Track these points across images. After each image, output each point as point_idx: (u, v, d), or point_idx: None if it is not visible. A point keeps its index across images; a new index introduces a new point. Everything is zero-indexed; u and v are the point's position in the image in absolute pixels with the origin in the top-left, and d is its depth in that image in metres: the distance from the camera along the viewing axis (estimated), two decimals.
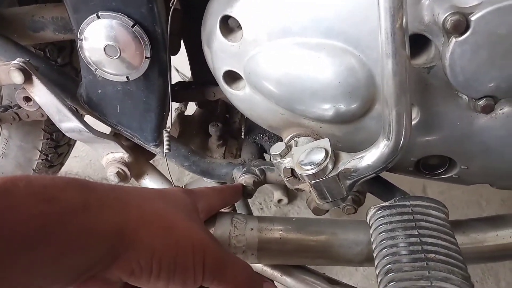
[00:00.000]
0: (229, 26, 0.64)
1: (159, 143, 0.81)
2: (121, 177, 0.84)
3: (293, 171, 0.63)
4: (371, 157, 0.58)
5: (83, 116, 0.85)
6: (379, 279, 0.54)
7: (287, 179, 0.65)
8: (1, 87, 1.02)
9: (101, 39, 0.66)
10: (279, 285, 0.73)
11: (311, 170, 0.59)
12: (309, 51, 0.58)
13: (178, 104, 1.08)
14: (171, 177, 0.87)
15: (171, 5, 0.65)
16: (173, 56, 0.88)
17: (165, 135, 0.75)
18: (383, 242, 0.57)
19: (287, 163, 0.63)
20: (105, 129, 0.83)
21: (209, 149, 0.93)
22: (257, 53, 0.61)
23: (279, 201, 1.48)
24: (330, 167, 0.59)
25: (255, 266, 0.77)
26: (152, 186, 0.88)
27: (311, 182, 0.60)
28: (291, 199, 1.49)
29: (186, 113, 1.05)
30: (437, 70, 0.55)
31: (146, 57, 0.68)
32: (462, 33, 0.48)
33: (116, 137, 0.84)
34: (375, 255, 0.57)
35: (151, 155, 0.91)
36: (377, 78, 0.57)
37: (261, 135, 0.91)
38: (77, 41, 0.68)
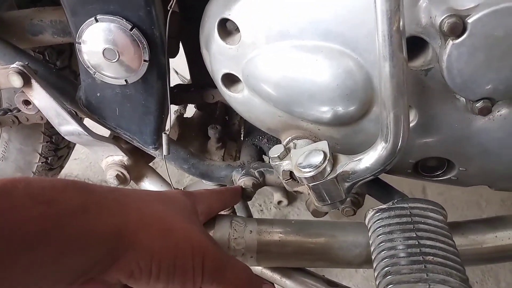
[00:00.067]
0: (227, 29, 0.64)
1: (158, 145, 0.81)
2: (121, 180, 0.85)
3: (291, 173, 0.63)
4: (369, 160, 0.58)
5: (83, 119, 0.85)
6: (377, 282, 0.54)
7: (286, 182, 0.65)
8: (1, 91, 1.02)
9: (99, 42, 0.67)
10: None
11: (309, 172, 0.59)
12: (307, 53, 0.58)
13: (177, 106, 1.08)
14: (170, 179, 0.87)
15: (169, 8, 0.65)
16: (172, 58, 0.88)
17: (164, 138, 0.75)
18: (381, 244, 0.57)
19: (286, 165, 0.63)
20: (104, 132, 0.83)
21: (208, 151, 0.93)
22: (255, 56, 0.61)
23: (279, 202, 1.48)
24: (328, 169, 0.59)
25: (255, 268, 0.77)
26: (151, 188, 0.88)
27: (310, 184, 0.60)
28: (291, 201, 1.49)
29: (185, 116, 1.05)
30: (434, 72, 0.55)
31: (144, 60, 0.68)
32: (459, 36, 0.48)
33: (115, 140, 0.84)
34: (374, 257, 0.57)
35: (151, 158, 0.91)
36: (374, 80, 0.57)
37: (260, 137, 0.91)
38: (76, 44, 0.68)
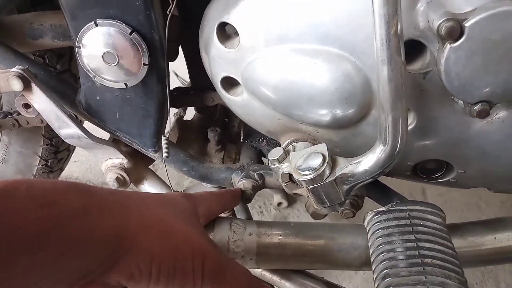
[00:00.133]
0: (226, 32, 0.64)
1: (158, 148, 0.81)
2: (121, 182, 0.85)
3: (291, 176, 0.63)
4: (368, 162, 0.58)
5: (82, 122, 0.85)
6: (376, 284, 0.54)
7: (285, 184, 0.65)
8: (1, 94, 1.02)
9: (99, 46, 0.67)
10: None
11: (308, 175, 0.59)
12: (305, 57, 0.58)
13: (177, 109, 1.08)
14: (170, 182, 0.88)
15: (168, 12, 0.65)
16: (171, 61, 0.88)
17: (163, 141, 0.75)
18: (380, 247, 0.57)
19: (285, 168, 0.64)
20: (104, 135, 0.84)
21: (208, 154, 0.93)
22: (254, 60, 0.62)
23: (279, 204, 1.48)
24: (327, 172, 0.59)
25: (254, 270, 0.78)
26: (151, 191, 0.88)
27: (309, 187, 0.60)
28: (291, 202, 1.49)
29: (185, 118, 1.05)
30: (432, 75, 0.55)
31: (144, 64, 0.68)
32: (456, 39, 0.48)
33: (115, 143, 0.84)
34: (373, 260, 0.57)
35: (150, 160, 0.91)
36: (373, 83, 0.57)
37: (260, 140, 0.92)
38: (76, 48, 0.69)
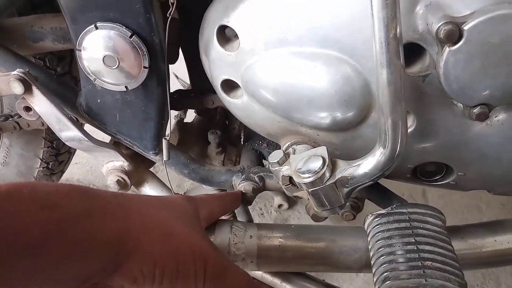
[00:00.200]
0: (226, 35, 0.65)
1: (158, 151, 0.81)
2: (121, 185, 0.85)
3: (291, 179, 0.64)
4: (367, 165, 0.58)
5: (83, 125, 0.86)
6: (376, 287, 0.54)
7: (286, 187, 0.65)
8: (1, 97, 1.03)
9: (99, 49, 0.67)
10: None
11: (308, 178, 0.59)
12: (305, 60, 0.58)
13: (177, 111, 1.08)
14: (170, 184, 0.88)
15: (168, 15, 0.65)
16: (171, 64, 0.88)
17: (164, 144, 0.75)
18: (380, 249, 0.57)
19: (285, 171, 0.64)
20: (105, 138, 0.84)
21: (208, 156, 0.93)
22: (254, 63, 0.62)
23: (280, 206, 1.48)
24: (327, 175, 0.59)
25: (255, 273, 0.78)
26: (152, 193, 0.89)
27: (309, 190, 0.60)
28: (292, 204, 1.49)
29: (185, 121, 1.06)
30: (432, 78, 0.55)
31: (144, 67, 0.68)
32: (455, 43, 0.49)
33: (116, 145, 0.84)
34: (373, 262, 0.57)
35: (151, 163, 0.91)
36: (372, 86, 0.57)
37: (260, 142, 0.92)
38: (76, 51, 0.69)
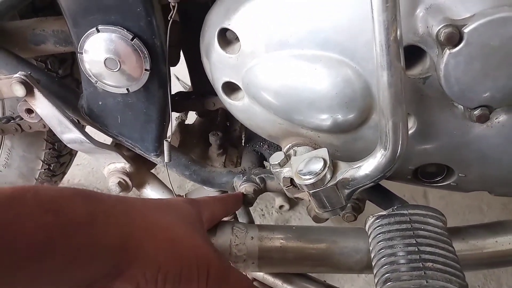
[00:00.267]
0: (227, 38, 0.65)
1: (160, 153, 0.81)
2: (123, 187, 0.85)
3: (292, 180, 0.64)
4: (368, 167, 0.58)
5: (84, 126, 0.86)
6: None
7: (287, 188, 0.66)
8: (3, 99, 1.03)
9: (101, 52, 0.67)
10: None
11: (309, 179, 0.59)
12: (306, 62, 0.59)
13: (178, 113, 1.08)
14: (172, 186, 0.88)
15: (169, 18, 0.65)
16: (173, 67, 0.89)
17: (165, 145, 0.75)
18: (381, 251, 0.57)
19: (286, 172, 0.64)
20: (106, 140, 0.84)
21: (210, 158, 0.94)
22: (255, 65, 0.62)
23: (281, 207, 1.48)
24: (328, 176, 0.59)
25: (257, 274, 0.78)
26: (153, 195, 0.89)
27: (310, 191, 0.61)
28: (293, 205, 1.49)
29: (186, 122, 1.06)
30: (432, 80, 0.55)
31: (145, 69, 0.69)
32: (455, 45, 0.49)
33: (117, 147, 0.85)
34: (374, 264, 0.57)
35: (152, 165, 0.91)
36: (373, 88, 0.57)
37: (261, 144, 0.92)
38: (78, 54, 0.69)
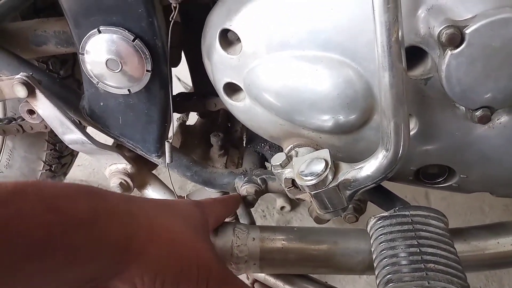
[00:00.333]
0: (228, 39, 0.65)
1: (161, 153, 0.81)
2: (124, 187, 0.85)
3: (293, 181, 0.64)
4: (370, 168, 0.58)
5: (86, 127, 0.86)
6: None
7: (288, 189, 0.66)
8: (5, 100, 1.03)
9: (102, 53, 0.67)
10: None
11: (311, 180, 0.59)
12: (307, 63, 0.59)
13: (179, 114, 1.08)
14: (173, 186, 0.88)
15: (171, 19, 0.65)
16: (174, 67, 0.89)
17: (167, 146, 0.75)
18: (383, 252, 0.57)
19: (288, 173, 0.64)
20: (107, 141, 0.84)
21: (211, 158, 0.93)
22: (256, 66, 0.62)
23: (282, 208, 1.48)
24: (330, 177, 0.59)
25: (258, 275, 0.78)
26: (154, 196, 0.89)
27: (312, 192, 0.60)
28: (294, 206, 1.49)
29: (187, 123, 1.06)
30: (434, 81, 0.55)
31: (147, 70, 0.69)
32: (457, 46, 0.49)
33: (118, 148, 0.85)
34: (376, 265, 0.57)
35: (154, 165, 0.91)
36: (374, 89, 0.57)
37: (263, 144, 0.92)
38: (79, 55, 0.69)
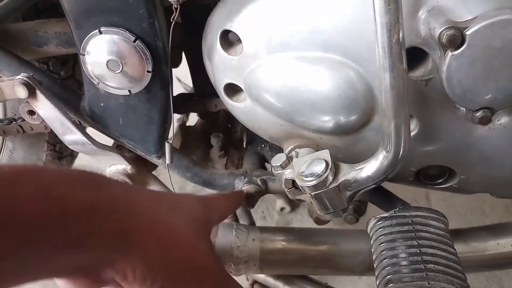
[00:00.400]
0: (229, 40, 0.65)
1: (161, 154, 0.81)
2: None
3: (294, 182, 0.64)
4: (370, 168, 0.58)
5: (86, 128, 0.86)
6: None
7: (288, 190, 0.65)
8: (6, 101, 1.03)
9: (103, 54, 0.67)
10: None
11: (311, 181, 0.59)
12: (308, 64, 0.59)
13: (180, 115, 1.08)
14: (173, 187, 0.88)
15: (172, 20, 0.66)
16: (175, 68, 0.89)
17: (167, 147, 0.75)
18: (383, 252, 0.57)
19: (288, 174, 0.64)
20: (107, 141, 0.84)
21: (211, 159, 0.94)
22: (257, 67, 0.62)
23: (282, 209, 1.48)
24: (330, 178, 0.59)
25: (258, 276, 0.78)
26: None
27: (312, 193, 0.60)
28: (294, 207, 1.49)
29: (188, 124, 1.06)
30: (434, 82, 0.55)
31: (148, 71, 0.68)
32: (457, 47, 0.49)
33: (118, 149, 0.85)
34: (376, 265, 0.57)
35: (154, 166, 0.91)
36: (375, 90, 0.57)
37: (263, 145, 0.92)
38: (80, 55, 0.69)
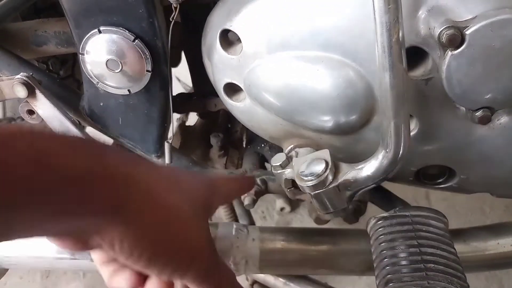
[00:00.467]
0: (229, 39, 0.65)
1: (161, 154, 0.81)
2: None
3: (294, 182, 0.64)
4: (370, 168, 0.58)
5: (85, 128, 0.86)
6: None
7: (288, 190, 0.65)
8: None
9: (102, 53, 0.67)
10: None
11: (311, 181, 0.59)
12: (307, 64, 0.59)
13: (179, 114, 1.08)
14: None
15: (171, 19, 0.66)
16: (174, 68, 0.89)
17: (166, 147, 0.75)
18: (383, 252, 0.57)
19: (288, 174, 0.64)
20: (107, 141, 0.84)
21: (211, 159, 0.93)
22: (257, 66, 0.62)
23: (282, 209, 1.48)
24: (330, 178, 0.59)
25: (258, 276, 0.78)
26: None
27: (312, 193, 0.60)
28: (294, 207, 1.49)
29: (187, 123, 1.06)
30: (434, 82, 0.55)
31: (147, 71, 0.68)
32: (457, 47, 0.49)
33: None
34: (375, 265, 0.57)
35: None
36: (375, 90, 0.57)
37: (263, 145, 0.92)
38: (79, 55, 0.69)
